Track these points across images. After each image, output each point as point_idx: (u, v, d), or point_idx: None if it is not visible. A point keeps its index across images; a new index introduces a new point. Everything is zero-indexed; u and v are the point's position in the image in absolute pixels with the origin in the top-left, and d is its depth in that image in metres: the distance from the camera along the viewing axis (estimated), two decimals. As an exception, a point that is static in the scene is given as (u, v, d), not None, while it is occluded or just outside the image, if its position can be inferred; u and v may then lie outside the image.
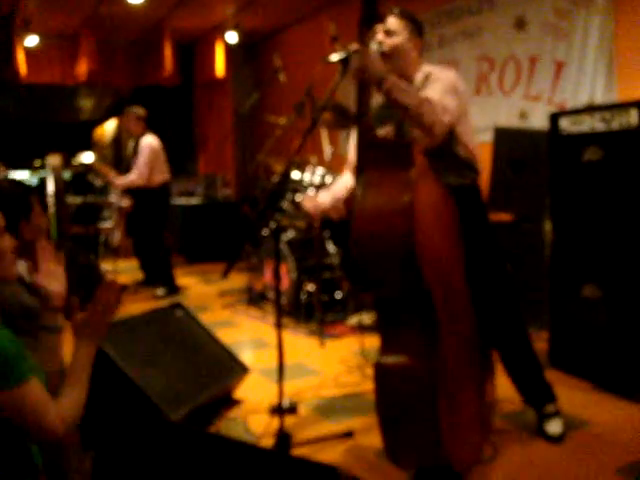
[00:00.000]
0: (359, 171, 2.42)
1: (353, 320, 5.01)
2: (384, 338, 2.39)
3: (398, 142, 2.59)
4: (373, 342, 3.56)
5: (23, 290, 1.96)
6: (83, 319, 1.82)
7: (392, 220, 2.23)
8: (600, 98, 4.69)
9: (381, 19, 2.55)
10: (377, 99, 2.70)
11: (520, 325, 2.91)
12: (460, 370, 2.43)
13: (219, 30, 9.07)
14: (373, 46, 2.58)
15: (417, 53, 2.81)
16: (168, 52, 8.89)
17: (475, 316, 2.60)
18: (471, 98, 3.53)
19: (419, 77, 2.74)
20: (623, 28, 4.60)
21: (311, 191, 5.27)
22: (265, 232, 5.89)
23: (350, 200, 3.03)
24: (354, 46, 2.42)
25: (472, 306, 2.60)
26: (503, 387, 2.93)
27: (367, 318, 4.64)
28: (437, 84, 2.63)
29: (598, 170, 3.46)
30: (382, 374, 2.34)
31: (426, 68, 2.78)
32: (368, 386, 3.60)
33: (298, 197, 5.47)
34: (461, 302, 2.54)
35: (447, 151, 2.68)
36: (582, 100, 4.83)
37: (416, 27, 2.80)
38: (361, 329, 4.29)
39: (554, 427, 2.86)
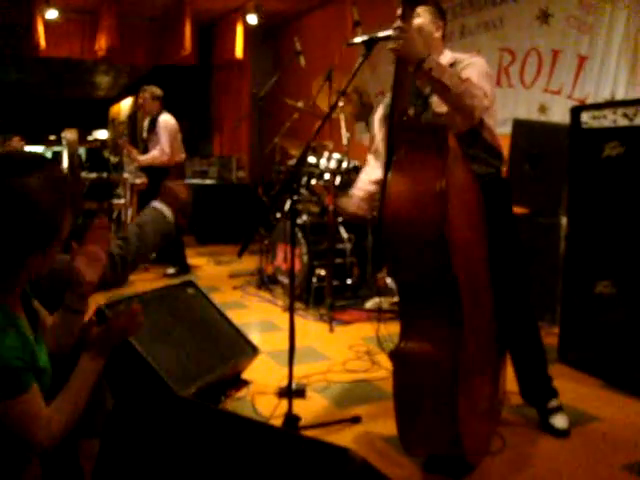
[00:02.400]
0: (390, 153, 2.38)
1: (371, 303, 5.00)
2: (405, 323, 2.36)
3: (434, 126, 2.54)
4: (388, 329, 3.57)
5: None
6: (100, 334, 1.80)
7: (425, 205, 2.19)
8: (622, 94, 4.64)
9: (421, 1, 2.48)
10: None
11: (531, 318, 2.89)
12: (478, 359, 2.42)
13: (239, 11, 9.04)
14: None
15: (440, 36, 2.79)
16: (188, 32, 8.86)
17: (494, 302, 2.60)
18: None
19: (443, 61, 2.68)
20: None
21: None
22: (278, 215, 5.89)
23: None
24: (395, 25, 2.34)
25: (491, 292, 2.59)
26: (509, 379, 2.92)
27: (385, 302, 4.62)
28: (472, 69, 2.60)
29: (618, 166, 3.43)
30: (402, 360, 2.32)
31: (450, 55, 2.75)
32: (377, 373, 3.62)
33: (313, 181, 5.47)
34: (483, 290, 2.53)
35: (475, 137, 2.66)
36: (604, 95, 4.78)
37: (438, 10, 2.77)
38: (378, 313, 4.28)
39: (560, 422, 2.84)
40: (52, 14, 8.46)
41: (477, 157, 2.69)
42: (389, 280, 5.37)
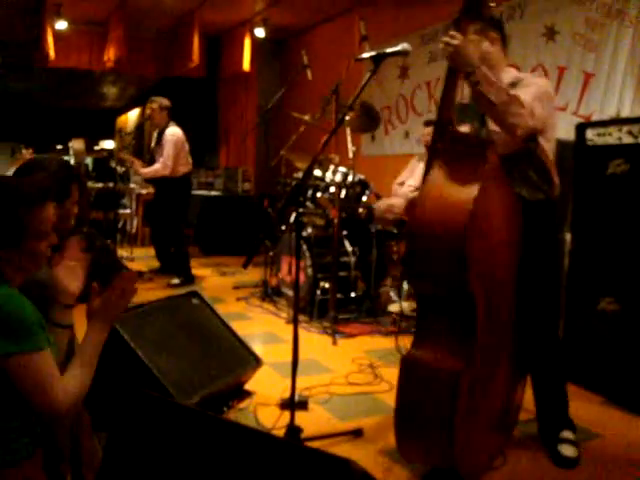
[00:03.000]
0: (429, 161, 2.39)
1: (394, 307, 4.99)
2: (419, 331, 2.37)
3: (474, 138, 2.54)
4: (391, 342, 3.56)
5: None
6: (99, 303, 1.84)
7: (451, 217, 2.19)
8: (628, 111, 4.65)
9: (482, 14, 2.45)
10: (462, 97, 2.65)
11: (557, 349, 2.83)
12: (489, 376, 2.41)
13: (247, 25, 9.11)
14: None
15: (498, 50, 2.74)
16: (196, 44, 8.91)
17: (516, 327, 2.57)
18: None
19: (506, 79, 2.66)
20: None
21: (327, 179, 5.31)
22: (283, 228, 5.90)
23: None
24: (449, 33, 2.34)
25: (515, 317, 2.56)
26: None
27: (407, 307, 4.62)
28: (531, 88, 2.57)
29: (623, 183, 3.44)
30: (409, 367, 2.33)
31: (514, 73, 2.73)
32: (379, 386, 3.62)
33: (318, 194, 5.49)
34: (504, 311, 2.50)
35: (528, 160, 2.60)
36: (609, 113, 4.79)
37: (487, 23, 2.70)
38: (399, 319, 4.25)
39: (569, 450, 2.71)
40: (62, 25, 8.55)
41: (527, 178, 2.62)
42: (392, 294, 5.38)
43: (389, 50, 2.64)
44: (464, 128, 2.68)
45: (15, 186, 1.74)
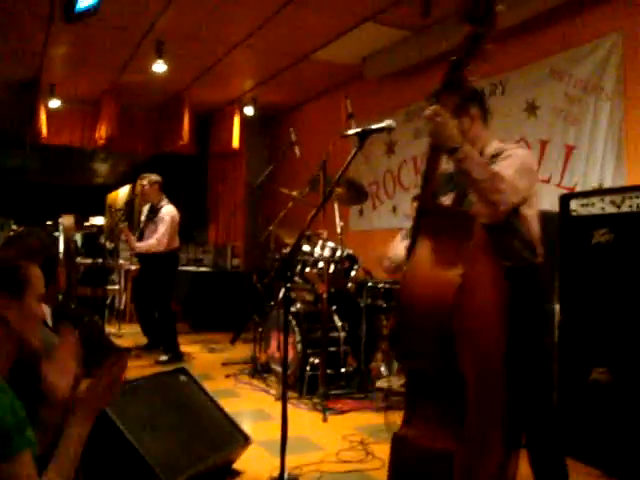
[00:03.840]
0: (413, 238, 2.36)
1: (383, 382, 4.92)
2: (408, 410, 2.32)
3: (460, 212, 2.52)
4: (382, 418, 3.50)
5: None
6: (84, 393, 1.79)
7: (436, 292, 2.15)
8: (610, 182, 4.74)
9: (462, 86, 2.39)
10: (443, 167, 2.65)
11: (552, 422, 2.75)
12: (481, 453, 2.34)
13: (236, 103, 9.31)
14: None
15: (478, 124, 2.75)
16: (186, 122, 9.08)
17: (507, 397, 2.52)
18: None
19: (489, 151, 2.67)
20: (632, 114, 4.70)
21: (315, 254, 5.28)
22: (272, 303, 5.88)
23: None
24: (431, 108, 2.32)
25: (505, 389, 2.52)
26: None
27: (396, 382, 4.55)
28: (511, 161, 2.56)
29: (608, 252, 3.47)
30: (399, 446, 2.27)
31: (496, 144, 2.72)
32: (371, 464, 3.54)
33: (307, 270, 5.50)
34: (494, 385, 2.44)
35: (509, 230, 2.58)
36: (592, 184, 4.88)
37: (464, 99, 2.68)
38: (388, 395, 4.20)
39: None
40: (55, 104, 8.71)
41: (510, 247, 2.60)
42: (383, 369, 5.32)
43: (374, 126, 2.70)
44: (447, 198, 2.68)
45: (15, 243, 1.76)
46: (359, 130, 2.72)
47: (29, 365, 1.84)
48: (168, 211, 6.58)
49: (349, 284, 5.61)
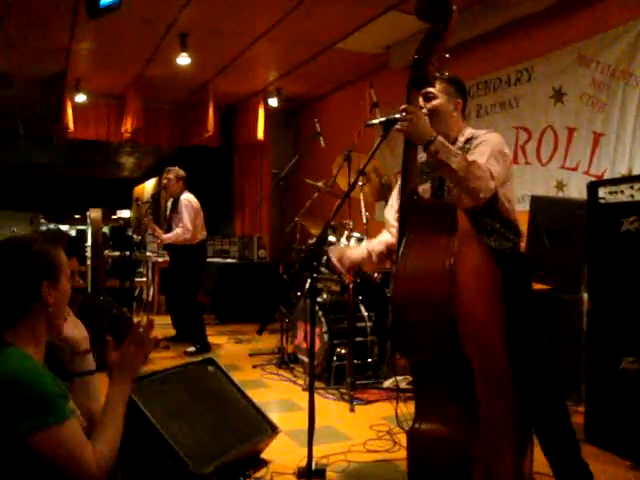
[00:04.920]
0: (401, 233, 2.38)
1: (388, 382, 4.93)
2: (419, 404, 2.33)
3: (443, 205, 2.57)
4: (408, 408, 3.51)
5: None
6: (118, 357, 1.85)
7: (432, 285, 2.18)
8: (639, 169, 4.68)
9: (430, 82, 2.52)
10: (421, 155, 2.69)
11: (557, 398, 2.78)
12: (498, 440, 2.35)
13: (261, 95, 9.32)
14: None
15: (459, 114, 2.82)
16: (211, 114, 9.11)
17: (514, 384, 2.53)
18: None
19: (462, 139, 2.75)
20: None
21: (340, 244, 5.26)
22: (298, 294, 5.90)
23: (385, 255, 3.01)
24: (402, 107, 2.41)
25: (511, 373, 2.53)
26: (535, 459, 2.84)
27: (403, 381, 4.55)
28: (484, 147, 2.63)
29: (638, 240, 3.42)
30: (416, 441, 2.28)
31: (469, 131, 2.80)
32: (398, 453, 3.54)
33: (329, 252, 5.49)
34: (500, 370, 2.48)
35: (489, 213, 2.66)
36: (620, 171, 4.82)
37: (456, 88, 2.81)
38: (396, 392, 4.21)
39: None
40: (81, 98, 8.81)
41: (493, 229, 2.70)
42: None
43: (399, 115, 2.69)
44: (425, 186, 2.75)
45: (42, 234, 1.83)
46: (383, 119, 2.70)
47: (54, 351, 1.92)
48: (186, 197, 6.63)
49: (375, 274, 5.60)
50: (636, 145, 4.76)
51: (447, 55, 2.45)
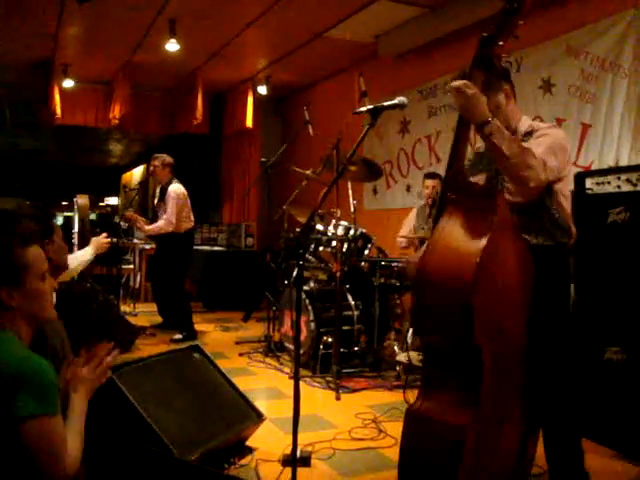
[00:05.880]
0: (438, 211, 2.37)
1: (402, 357, 4.93)
2: (425, 383, 2.33)
3: (484, 188, 2.53)
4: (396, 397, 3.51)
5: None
6: (80, 375, 1.86)
7: (458, 268, 2.16)
8: (626, 160, 4.69)
9: (494, 63, 2.42)
10: (479, 145, 2.63)
11: (571, 401, 2.71)
12: (497, 433, 2.34)
13: (250, 82, 9.27)
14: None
15: (513, 101, 2.72)
16: (199, 101, 9.06)
17: (527, 377, 2.51)
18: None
19: (521, 129, 2.66)
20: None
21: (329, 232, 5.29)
22: (285, 282, 5.90)
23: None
24: (461, 82, 2.32)
25: (526, 367, 2.50)
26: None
27: (416, 357, 4.54)
28: (544, 139, 2.54)
29: (624, 231, 3.44)
30: (413, 419, 2.28)
31: (529, 122, 2.70)
32: (383, 441, 3.56)
33: (321, 248, 5.50)
34: (515, 362, 2.45)
35: (542, 210, 2.57)
36: (608, 162, 4.83)
37: (504, 78, 2.70)
38: (407, 371, 4.18)
39: None
40: (69, 84, 8.72)
41: (541, 228, 2.58)
42: (396, 347, 5.33)
43: (386, 103, 2.68)
44: (480, 177, 2.67)
45: (6, 230, 1.79)
46: (371, 107, 2.70)
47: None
48: (174, 189, 6.59)
49: (362, 263, 5.61)
50: (624, 136, 4.77)
51: (517, 36, 2.31)
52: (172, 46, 7.18)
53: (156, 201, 6.89)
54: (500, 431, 2.39)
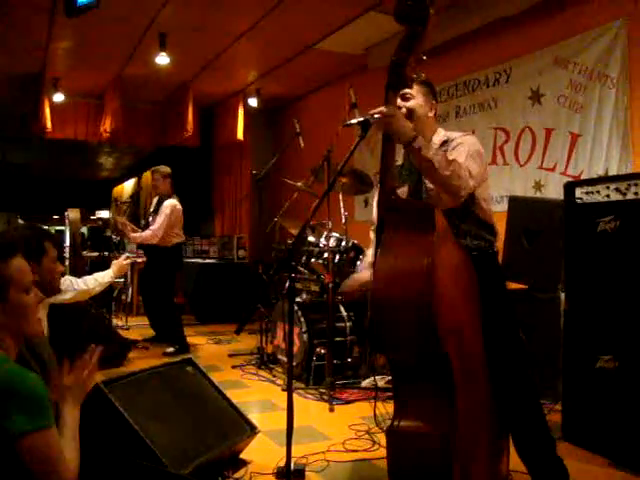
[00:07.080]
0: (379, 232, 2.41)
1: (366, 382, 4.93)
2: (398, 402, 2.34)
3: (422, 205, 2.58)
4: (386, 408, 3.52)
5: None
6: (71, 383, 1.87)
7: (410, 284, 2.20)
8: (615, 170, 4.73)
9: (407, 84, 2.55)
10: (396, 159, 2.70)
11: (531, 395, 2.79)
12: (475, 438, 2.36)
13: (240, 94, 9.30)
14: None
15: (433, 115, 2.86)
16: (190, 114, 9.07)
17: (490, 381, 2.55)
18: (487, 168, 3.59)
19: (436, 140, 2.77)
20: (637, 101, 4.68)
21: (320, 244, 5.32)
22: (278, 294, 5.89)
23: None
24: (379, 109, 2.42)
25: (488, 371, 2.55)
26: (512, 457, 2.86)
27: (381, 380, 4.56)
28: (461, 148, 2.65)
29: (614, 240, 3.46)
30: (395, 439, 2.29)
31: (443, 132, 2.82)
32: (377, 453, 3.55)
33: (312, 260, 5.50)
34: (478, 367, 2.49)
35: (467, 212, 2.69)
36: (597, 172, 4.87)
37: (430, 90, 2.85)
38: (375, 392, 4.22)
39: None
40: (59, 97, 8.71)
41: (470, 232, 2.73)
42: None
43: (377, 115, 2.69)
44: (403, 189, 2.76)
45: None
46: (361, 119, 2.71)
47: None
48: (169, 203, 6.60)
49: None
50: (612, 146, 4.81)
51: (424, 57, 2.47)
52: (162, 59, 7.19)
53: (151, 210, 6.89)
54: (475, 437, 2.41)
